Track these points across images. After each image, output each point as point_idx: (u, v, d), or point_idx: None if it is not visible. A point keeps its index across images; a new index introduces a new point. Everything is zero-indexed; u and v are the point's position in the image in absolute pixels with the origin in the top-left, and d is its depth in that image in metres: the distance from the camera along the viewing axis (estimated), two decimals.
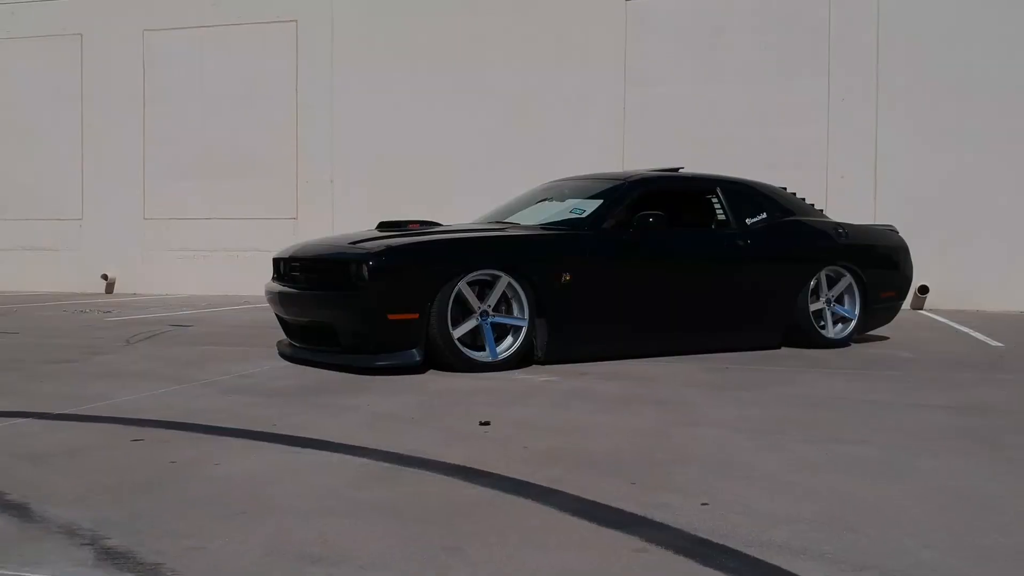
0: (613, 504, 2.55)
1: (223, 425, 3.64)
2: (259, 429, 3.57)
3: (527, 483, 2.78)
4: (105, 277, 14.33)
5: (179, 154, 14.13)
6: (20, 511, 2.45)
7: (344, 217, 13.26)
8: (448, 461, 3.05)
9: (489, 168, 12.65)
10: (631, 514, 2.46)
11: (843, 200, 11.62)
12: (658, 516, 2.43)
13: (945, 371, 5.43)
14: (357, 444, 3.31)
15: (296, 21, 13.60)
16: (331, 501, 2.60)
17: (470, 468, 2.96)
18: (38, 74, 14.76)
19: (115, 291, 14.34)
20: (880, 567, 2.06)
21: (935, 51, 11.44)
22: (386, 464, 3.04)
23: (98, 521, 2.36)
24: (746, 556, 2.13)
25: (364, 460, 3.09)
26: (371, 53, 13.29)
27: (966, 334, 7.86)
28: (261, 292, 8.31)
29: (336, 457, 3.14)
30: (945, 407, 4.19)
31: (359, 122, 13.41)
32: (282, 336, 6.09)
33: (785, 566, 2.06)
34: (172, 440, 3.37)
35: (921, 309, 11.33)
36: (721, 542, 2.23)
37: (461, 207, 12.34)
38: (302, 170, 13.66)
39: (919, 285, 11.40)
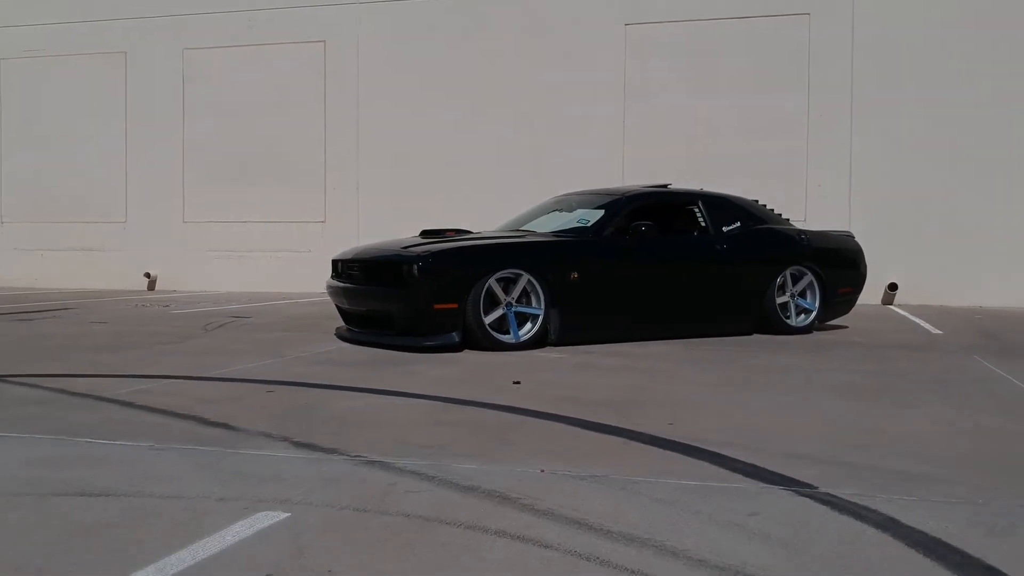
0: (605, 423, 3.85)
1: (324, 383, 4.95)
2: (352, 385, 4.88)
3: (549, 413, 4.08)
4: (147, 275, 15.65)
5: (216, 162, 15.45)
6: (226, 428, 3.75)
7: (369, 220, 14.60)
8: (495, 402, 4.36)
9: (500, 175, 13.97)
10: (617, 427, 3.76)
11: (820, 206, 12.93)
12: (636, 429, 3.74)
13: (880, 351, 6.74)
14: (426, 393, 4.62)
15: (324, 42, 14.91)
16: (421, 421, 3.91)
17: (510, 406, 4.26)
18: (86, 89, 16.08)
19: (156, 288, 15.65)
20: (780, 451, 3.36)
21: (904, 72, 12.73)
22: (451, 404, 4.35)
23: (276, 430, 3.67)
24: (692, 447, 3.43)
25: (435, 402, 4.40)
26: (393, 71, 14.61)
27: (917, 325, 9.17)
28: (293, 288, 9.46)
29: (415, 400, 4.45)
30: (863, 372, 5.50)
31: (382, 133, 14.72)
32: (337, 325, 7.40)
33: (715, 450, 3.36)
34: (295, 392, 4.68)
35: (891, 304, 12.62)
36: (676, 440, 3.53)
37: (474, 210, 13.68)
38: (330, 177, 14.97)
39: (889, 283, 12.74)
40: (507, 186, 13.69)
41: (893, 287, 12.69)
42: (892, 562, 2.21)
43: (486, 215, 13.40)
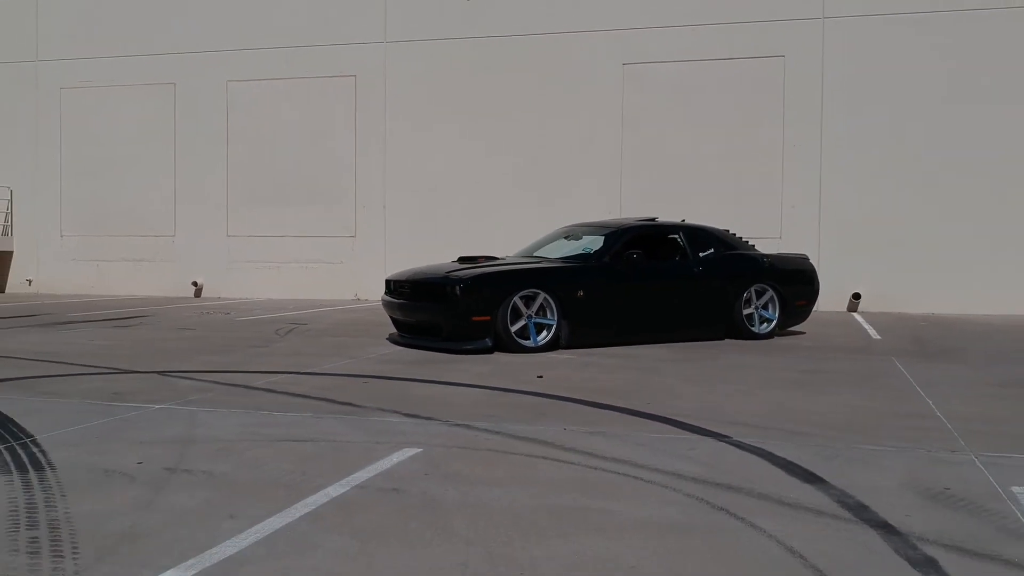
0: (607, 403, 5.65)
1: (399, 376, 6.74)
2: (419, 378, 6.67)
3: (566, 396, 5.88)
4: (195, 284, 17.46)
5: (256, 183, 17.25)
6: (352, 405, 5.54)
7: (394, 235, 16.43)
8: (526, 390, 6.15)
9: (511, 195, 15.78)
10: (615, 405, 5.56)
11: (793, 224, 14.74)
12: (628, 407, 5.53)
13: (823, 353, 8.54)
14: (475, 384, 6.41)
15: (355, 76, 16.72)
16: (480, 402, 5.69)
17: (538, 392, 6.06)
18: (138, 116, 17.88)
19: (202, 295, 17.45)
20: (723, 420, 5.13)
21: (867, 107, 14.52)
22: (495, 391, 6.14)
23: (386, 406, 5.44)
24: (665, 417, 5.21)
25: (483, 390, 6.19)
26: (416, 103, 16.41)
27: (864, 331, 10.97)
28: (325, 295, 11.16)
29: (469, 389, 6.24)
30: (802, 370, 7.30)
31: (406, 158, 16.53)
32: (381, 330, 9.21)
33: (680, 420, 5.15)
34: (383, 383, 6.48)
35: (855, 311, 14.42)
36: (656, 413, 5.32)
37: (489, 226, 15.55)
38: (359, 197, 16.78)
39: (853, 292, 14.56)
40: (518, 205, 15.52)
41: (857, 296, 14.49)
42: (760, 469, 4.00)
43: (499, 231, 15.28)
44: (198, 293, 17.47)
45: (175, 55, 17.65)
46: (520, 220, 15.42)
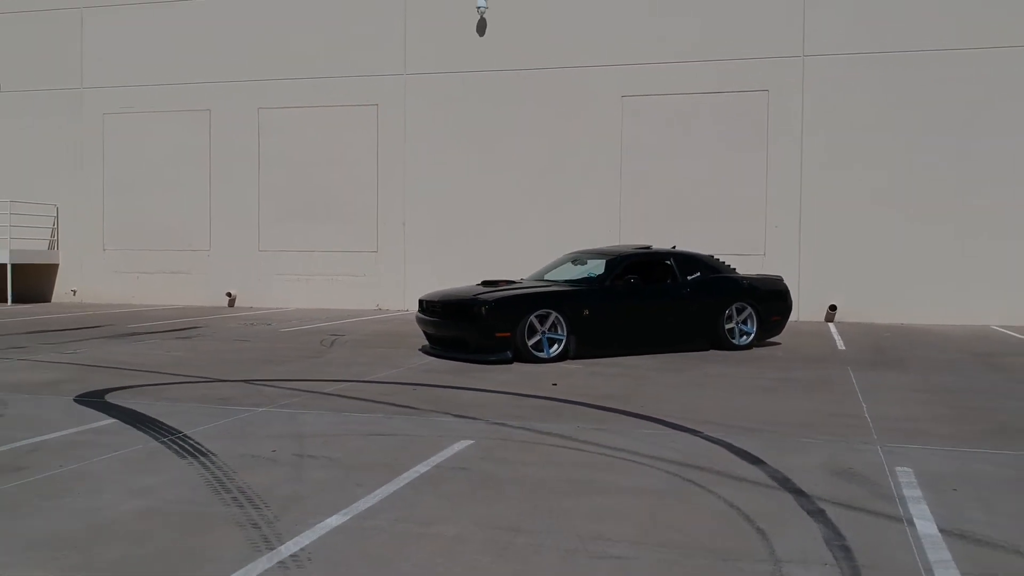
0: (610, 406, 7.20)
1: (440, 384, 8.29)
2: (456, 385, 8.22)
3: (578, 401, 7.43)
4: (229, 295, 19.01)
5: (286, 201, 18.81)
6: (410, 408, 7.09)
7: (413, 250, 17.99)
8: (544, 395, 7.70)
9: (520, 214, 17.35)
10: (615, 408, 7.11)
11: (777, 243, 16.32)
12: (626, 410, 7.08)
13: (790, 363, 10.09)
14: (502, 390, 7.96)
15: (377, 105, 18.27)
16: (509, 404, 7.25)
17: (553, 397, 7.61)
18: (176, 140, 19.43)
19: (236, 305, 19.01)
20: (699, 419, 6.68)
21: (841, 135, 16.09)
22: (520, 396, 7.70)
23: (438, 408, 6.99)
24: (654, 418, 6.77)
25: (509, 395, 7.74)
26: (433, 129, 17.97)
27: (833, 341, 12.53)
28: (349, 305, 12.86)
29: (498, 394, 7.79)
30: (771, 378, 8.86)
31: (424, 179, 18.08)
32: (420, 343, 10.76)
33: (666, 419, 6.70)
34: (428, 390, 8.02)
35: (831, 321, 15.98)
36: (647, 415, 6.87)
37: (499, 241, 17.10)
38: (381, 215, 18.34)
39: (830, 304, 16.13)
40: (526, 222, 17.10)
41: (833, 308, 16.07)
42: (720, 455, 5.55)
43: (509, 245, 16.86)
44: (232, 303, 19.03)
45: (210, 84, 19.20)
46: (528, 236, 17.01)
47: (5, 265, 19.18)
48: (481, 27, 17.64)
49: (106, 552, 3.81)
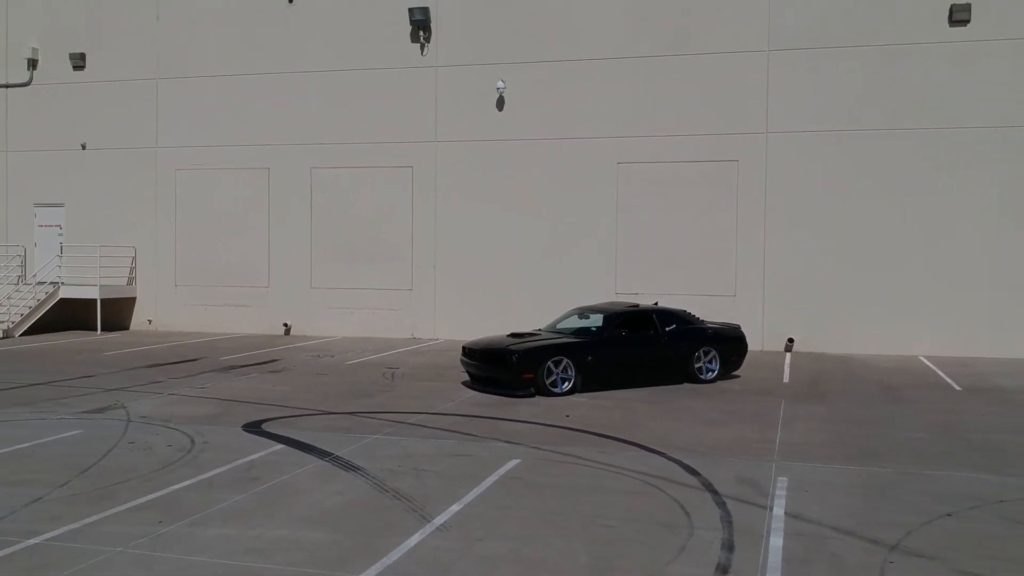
0: (606, 434, 10.67)
1: (487, 415, 11.76)
2: (497, 416, 11.69)
3: (584, 430, 10.90)
4: (285, 325, 22.49)
5: (334, 246, 22.28)
6: (471, 435, 10.56)
7: (443, 289, 21.48)
8: (561, 426, 11.18)
9: (532, 259, 20.85)
10: (611, 435, 10.59)
11: (744, 285, 19.81)
12: (617, 436, 10.55)
13: (740, 395, 13.57)
14: (532, 420, 11.43)
15: (412, 167, 21.76)
16: (540, 433, 10.72)
17: (569, 427, 11.09)
18: (239, 193, 22.90)
19: (291, 334, 22.48)
20: (666, 444, 10.14)
21: (798, 198, 19.59)
22: (545, 426, 11.16)
23: (489, 435, 10.45)
24: (634, 442, 10.23)
25: (537, 425, 11.21)
26: (460, 187, 21.46)
27: (782, 373, 16.02)
28: (387, 335, 16.79)
29: (529, 424, 11.26)
30: (722, 410, 12.33)
31: (453, 229, 21.56)
32: (462, 378, 14.28)
33: (642, 444, 10.17)
34: (480, 420, 11.49)
35: (789, 351, 19.48)
36: (630, 440, 10.34)
37: (515, 281, 20.59)
38: (415, 258, 21.81)
39: (788, 337, 19.63)
40: (538, 265, 20.62)
41: (791, 340, 19.58)
42: (674, 468, 8.99)
43: (523, 285, 20.33)
44: (287, 332, 22.50)
45: (269, 146, 22.68)
46: (538, 276, 20.52)
47: (96, 300, 22.64)
48: (500, 103, 21.11)
49: (344, 524, 7.27)
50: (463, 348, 14.26)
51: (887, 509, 7.70)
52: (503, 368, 13.28)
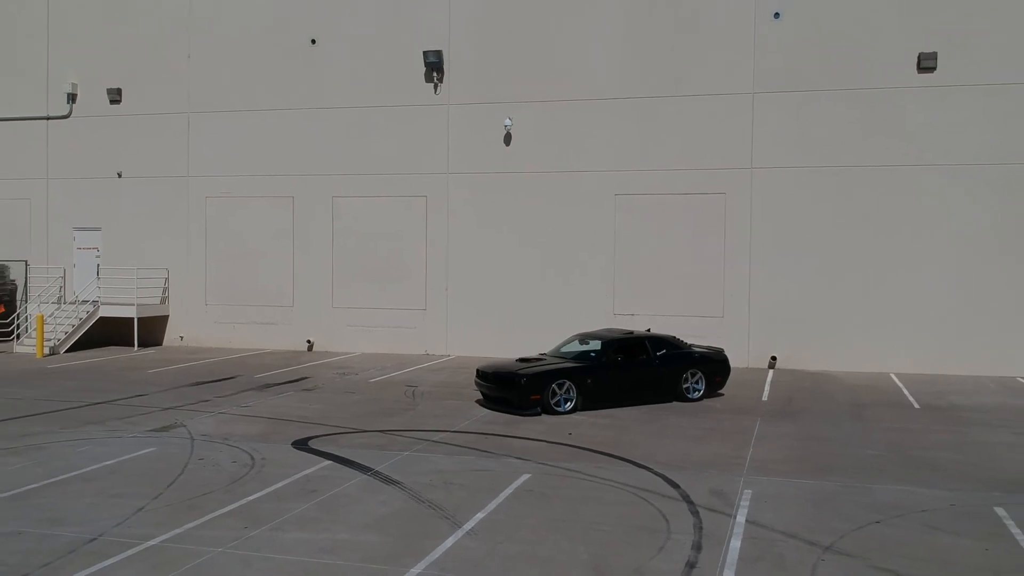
0: (603, 451, 12.49)
1: (499, 433, 13.59)
2: (509, 434, 13.51)
3: (584, 447, 12.72)
4: (309, 341, 24.34)
5: (354, 269, 24.13)
6: (488, 452, 12.38)
7: (454, 309, 23.33)
8: (564, 443, 13.00)
9: (536, 282, 22.70)
10: (607, 452, 12.41)
11: (732, 307, 21.65)
12: (612, 453, 12.37)
13: (721, 415, 15.39)
14: (538, 438, 13.26)
15: (426, 197, 23.61)
16: (547, 450, 12.55)
17: (571, 445, 12.91)
18: (265, 219, 24.75)
19: (313, 350, 24.32)
20: (653, 459, 11.96)
21: (780, 225, 21.41)
22: (550, 443, 12.99)
23: (503, 452, 12.27)
24: (624, 458, 12.05)
25: (543, 442, 13.04)
26: (470, 215, 23.30)
27: (762, 391, 17.84)
28: (403, 351, 18.79)
29: (536, 442, 13.08)
30: (703, 428, 14.16)
31: (463, 253, 23.41)
32: (475, 397, 16.12)
33: (632, 459, 11.99)
34: (495, 438, 13.31)
35: (772, 368, 21.31)
36: (622, 455, 12.16)
37: (521, 301, 22.42)
38: (429, 280, 23.66)
39: (771, 355, 21.47)
40: (540, 289, 22.48)
41: (774, 359, 21.42)
42: (658, 481, 10.82)
43: (528, 306, 22.17)
44: (310, 348, 24.35)
45: (294, 176, 24.52)
46: (542, 298, 22.36)
47: (133, 318, 24.49)
48: (507, 139, 22.95)
49: (392, 529, 9.09)
50: (477, 371, 16.09)
51: (827, 517, 9.52)
52: (513, 390, 15.10)
